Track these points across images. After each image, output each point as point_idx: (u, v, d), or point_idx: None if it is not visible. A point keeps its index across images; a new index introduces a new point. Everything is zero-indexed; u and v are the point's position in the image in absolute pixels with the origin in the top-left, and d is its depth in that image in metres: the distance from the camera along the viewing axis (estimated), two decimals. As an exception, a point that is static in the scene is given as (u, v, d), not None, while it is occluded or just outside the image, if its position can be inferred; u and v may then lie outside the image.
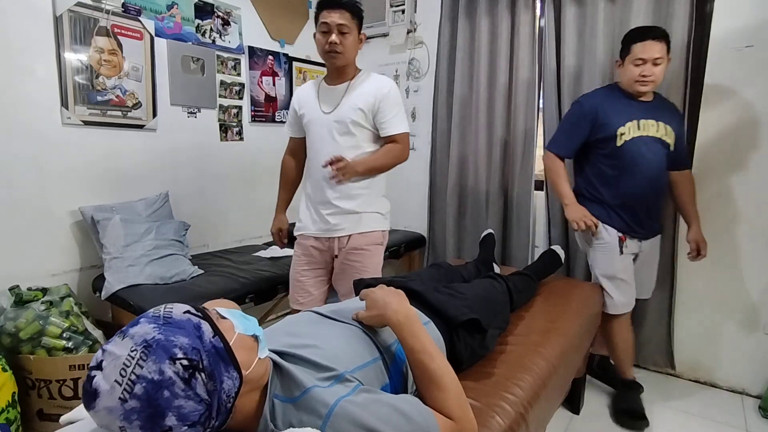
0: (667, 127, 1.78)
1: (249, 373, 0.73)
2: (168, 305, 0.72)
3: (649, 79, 1.72)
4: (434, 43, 2.86)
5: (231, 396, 0.70)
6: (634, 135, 1.77)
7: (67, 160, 2.00)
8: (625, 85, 1.81)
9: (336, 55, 1.59)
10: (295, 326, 1.00)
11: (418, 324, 0.93)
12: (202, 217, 2.56)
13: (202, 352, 0.67)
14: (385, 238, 1.76)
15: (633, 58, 1.73)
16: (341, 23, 1.56)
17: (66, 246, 2.04)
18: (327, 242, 1.71)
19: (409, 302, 0.99)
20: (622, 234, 1.84)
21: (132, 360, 0.62)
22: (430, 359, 0.88)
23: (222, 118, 2.62)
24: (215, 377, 0.67)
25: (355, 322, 1.00)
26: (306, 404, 0.75)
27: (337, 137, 1.63)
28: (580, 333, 1.59)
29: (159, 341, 0.64)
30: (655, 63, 1.71)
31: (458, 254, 2.85)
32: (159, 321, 0.67)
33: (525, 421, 1.08)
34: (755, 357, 2.04)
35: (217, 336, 0.70)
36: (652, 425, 1.87)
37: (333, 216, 1.66)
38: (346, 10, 1.56)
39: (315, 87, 1.73)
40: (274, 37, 2.85)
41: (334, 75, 1.68)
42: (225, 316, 0.77)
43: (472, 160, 2.76)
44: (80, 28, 1.97)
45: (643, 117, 1.78)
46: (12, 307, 1.72)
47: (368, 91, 1.62)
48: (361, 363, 0.90)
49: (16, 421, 1.59)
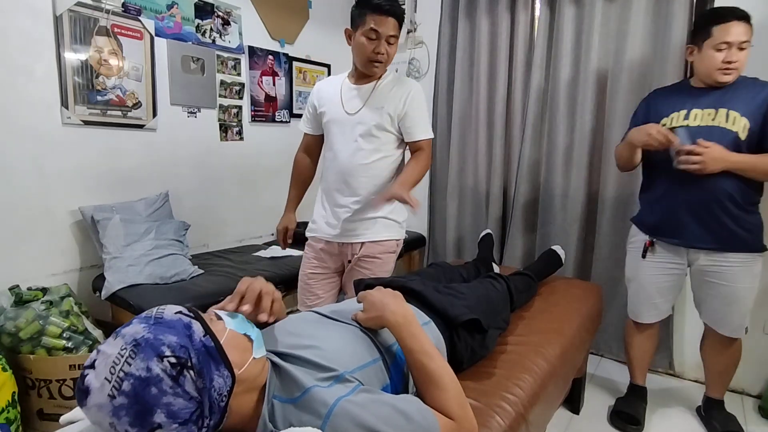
0: (734, 114, 1.53)
1: (242, 372, 0.74)
2: (161, 306, 0.74)
3: (733, 66, 1.50)
4: (434, 43, 2.86)
5: (223, 395, 0.70)
6: (676, 125, 1.60)
7: (67, 160, 2.00)
8: (703, 75, 1.59)
9: (379, 65, 1.54)
10: (296, 326, 1.00)
11: (416, 325, 0.94)
12: (202, 217, 2.56)
13: (191, 350, 0.68)
14: (399, 246, 1.70)
15: (714, 42, 1.50)
16: (393, 33, 1.50)
17: (66, 246, 2.04)
18: (339, 247, 1.65)
19: (410, 302, 0.99)
20: (648, 239, 1.73)
21: (121, 358, 0.64)
22: (429, 360, 0.88)
23: (222, 118, 2.62)
24: (204, 375, 0.68)
25: (355, 323, 1.00)
26: (306, 404, 0.75)
27: (359, 140, 1.57)
28: (580, 333, 1.58)
29: (148, 340, 0.66)
30: (740, 47, 1.49)
31: (458, 254, 2.86)
32: (150, 321, 0.70)
33: (525, 421, 1.09)
34: (755, 357, 2.03)
35: (207, 335, 0.72)
36: (653, 425, 1.88)
37: (349, 221, 1.61)
38: (398, 21, 1.50)
39: (338, 84, 1.66)
40: (274, 36, 2.85)
41: (360, 75, 1.61)
42: (221, 317, 0.79)
43: (472, 160, 2.76)
44: (80, 27, 1.97)
45: (698, 106, 1.59)
46: (12, 307, 1.72)
47: (395, 95, 1.57)
48: (361, 363, 0.90)
49: (16, 420, 1.59)
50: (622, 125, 2.23)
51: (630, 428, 1.83)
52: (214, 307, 0.90)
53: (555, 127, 2.44)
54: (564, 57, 2.36)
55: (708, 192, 1.55)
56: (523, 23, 2.50)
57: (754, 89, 1.56)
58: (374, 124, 1.56)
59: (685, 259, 1.71)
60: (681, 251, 1.70)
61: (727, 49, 1.50)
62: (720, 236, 1.58)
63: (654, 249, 1.74)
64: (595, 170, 2.38)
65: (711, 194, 1.55)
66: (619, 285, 2.32)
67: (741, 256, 1.59)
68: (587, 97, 2.32)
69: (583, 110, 2.34)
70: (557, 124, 2.42)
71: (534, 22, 2.50)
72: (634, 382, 1.97)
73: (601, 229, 2.35)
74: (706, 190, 1.55)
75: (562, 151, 2.43)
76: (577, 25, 2.34)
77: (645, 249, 1.74)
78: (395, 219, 1.65)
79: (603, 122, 2.33)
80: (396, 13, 1.49)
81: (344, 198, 1.62)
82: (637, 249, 1.79)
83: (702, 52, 1.57)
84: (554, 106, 2.43)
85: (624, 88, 2.21)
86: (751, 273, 1.62)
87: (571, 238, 2.41)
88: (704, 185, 1.55)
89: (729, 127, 1.54)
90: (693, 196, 1.58)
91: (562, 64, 2.37)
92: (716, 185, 1.53)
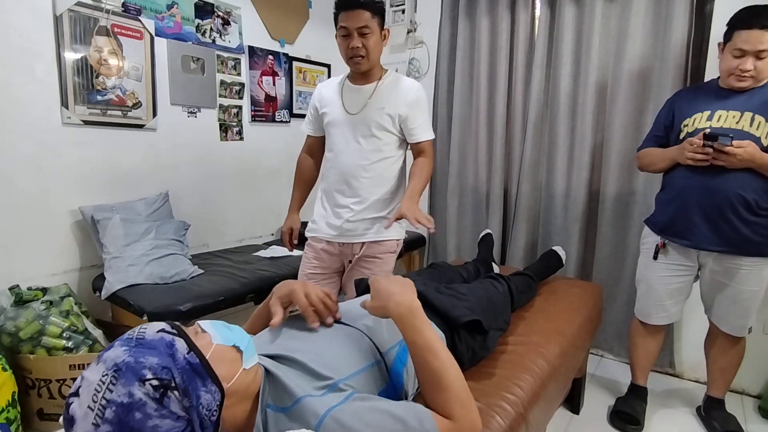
0: (760, 119, 1.50)
1: (231, 385, 0.73)
2: (143, 325, 0.72)
3: (747, 74, 1.48)
4: (434, 42, 2.86)
5: (213, 410, 0.70)
6: (699, 126, 1.57)
7: (67, 159, 2.00)
8: (721, 76, 1.58)
9: (360, 59, 1.52)
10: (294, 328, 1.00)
11: (421, 317, 0.89)
12: (202, 216, 2.56)
13: (173, 370, 0.67)
14: (400, 246, 1.71)
15: (733, 46, 1.48)
16: (361, 25, 1.46)
17: (66, 246, 2.04)
18: (340, 247, 1.65)
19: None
20: (660, 240, 1.72)
21: (103, 385, 0.63)
22: (433, 356, 0.85)
23: (222, 118, 2.62)
24: (190, 393, 0.67)
25: (356, 324, 1.00)
26: (297, 414, 0.75)
27: (361, 140, 1.57)
28: (580, 333, 1.58)
29: (128, 364, 0.65)
30: (759, 57, 1.45)
31: (458, 254, 2.86)
32: (131, 343, 0.68)
33: (525, 421, 1.09)
34: (755, 357, 2.03)
35: (192, 351, 0.70)
36: (653, 425, 1.88)
37: (349, 221, 1.61)
38: (365, 9, 1.46)
39: (339, 85, 1.65)
40: (274, 36, 2.85)
41: (357, 75, 1.62)
42: (205, 330, 0.77)
43: (472, 160, 2.76)
44: (80, 27, 1.97)
45: (723, 108, 1.55)
46: (12, 307, 1.72)
47: (397, 95, 1.56)
48: (359, 368, 0.89)
49: (16, 420, 1.59)
50: (623, 125, 2.24)
51: (630, 428, 1.83)
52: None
53: (556, 127, 2.44)
54: (564, 57, 2.36)
55: (721, 195, 1.53)
56: (523, 23, 2.50)
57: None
58: (375, 125, 1.56)
59: (695, 261, 1.70)
60: (691, 253, 1.69)
61: (741, 56, 1.47)
62: (731, 240, 1.56)
63: (666, 251, 1.73)
64: (596, 170, 2.38)
65: (724, 197, 1.53)
66: (619, 285, 2.33)
67: (751, 260, 1.58)
68: (588, 96, 2.32)
69: (584, 110, 2.34)
70: (558, 124, 2.42)
71: (534, 22, 2.50)
72: (636, 383, 1.97)
73: (601, 229, 2.35)
74: (719, 192, 1.53)
75: (563, 151, 2.43)
76: (578, 25, 2.34)
77: (657, 250, 1.74)
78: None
79: (604, 122, 2.33)
80: (361, 2, 1.45)
81: (345, 198, 1.62)
82: (648, 250, 1.79)
83: (723, 53, 1.55)
84: (555, 106, 2.43)
85: (624, 87, 2.21)
86: (760, 277, 1.61)
87: (572, 238, 2.41)
88: (718, 188, 1.53)
89: (753, 132, 1.51)
90: (706, 198, 1.56)
91: (563, 64, 2.37)
92: (730, 188, 1.51)
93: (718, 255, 1.62)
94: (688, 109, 1.64)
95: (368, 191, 1.60)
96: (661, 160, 1.71)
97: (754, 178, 1.51)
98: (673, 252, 1.73)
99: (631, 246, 2.26)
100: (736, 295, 1.64)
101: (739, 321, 1.69)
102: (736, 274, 1.62)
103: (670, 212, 1.68)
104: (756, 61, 1.46)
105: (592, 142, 2.35)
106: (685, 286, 1.77)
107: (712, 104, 1.59)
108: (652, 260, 1.77)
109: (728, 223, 1.55)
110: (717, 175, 1.53)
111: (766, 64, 1.47)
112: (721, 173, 1.52)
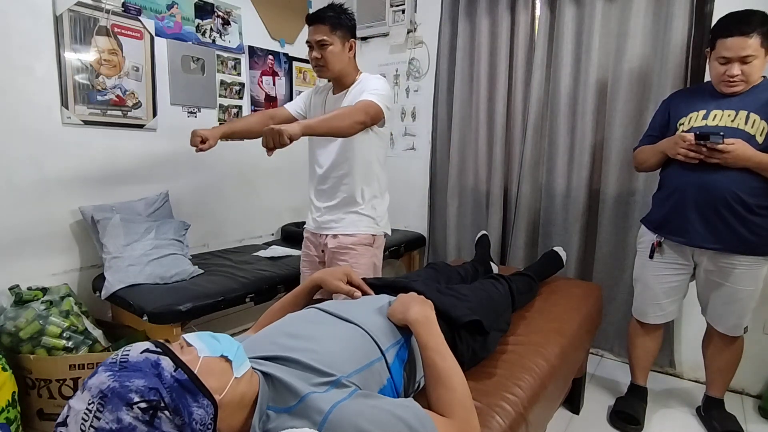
0: (755, 117, 1.51)
1: (224, 396, 0.72)
2: (126, 347, 0.71)
3: (736, 80, 1.50)
4: (434, 42, 2.86)
5: (207, 423, 0.69)
6: (695, 125, 1.59)
7: (67, 159, 2.00)
8: (713, 82, 1.60)
9: (320, 69, 1.65)
10: (295, 326, 1.00)
11: (434, 325, 0.99)
12: (202, 216, 2.56)
13: (161, 390, 0.65)
14: (378, 240, 1.76)
15: (716, 54, 1.51)
16: (319, 39, 1.60)
17: (66, 246, 2.04)
18: (318, 238, 1.80)
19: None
20: (656, 239, 1.73)
21: (89, 414, 0.62)
22: (441, 359, 0.92)
23: (222, 118, 2.61)
24: (182, 411, 0.66)
25: (358, 321, 1.01)
26: (302, 412, 0.75)
27: (332, 141, 1.65)
28: (580, 333, 1.59)
29: (114, 389, 0.63)
30: (744, 61, 1.47)
31: (458, 254, 2.86)
32: (115, 367, 0.66)
33: (525, 421, 1.09)
34: (755, 357, 2.03)
35: (179, 368, 0.69)
36: (653, 425, 1.88)
37: (321, 215, 1.76)
38: (323, 24, 1.60)
39: (325, 94, 1.78)
40: (274, 36, 2.85)
41: (335, 84, 1.73)
42: (191, 343, 0.75)
43: (472, 160, 2.76)
44: (80, 27, 1.97)
45: (718, 107, 1.57)
46: (12, 307, 1.72)
47: (358, 90, 1.64)
48: (360, 366, 0.89)
49: (16, 420, 1.59)
50: (623, 125, 2.24)
51: (630, 428, 1.83)
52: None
53: (556, 127, 2.44)
54: (564, 57, 2.36)
55: (717, 192, 1.54)
56: (523, 23, 2.50)
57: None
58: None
59: (691, 260, 1.71)
60: (687, 251, 1.70)
61: (726, 63, 1.49)
62: (725, 238, 1.56)
63: (661, 249, 1.74)
64: (596, 170, 2.38)
65: (720, 195, 1.53)
66: (619, 285, 2.33)
67: (746, 259, 1.58)
68: (588, 96, 2.32)
69: (584, 110, 2.34)
70: (558, 124, 2.42)
71: (534, 22, 2.50)
72: (635, 382, 1.97)
73: (601, 229, 2.35)
74: (715, 190, 1.54)
75: (563, 151, 2.43)
76: (578, 25, 2.34)
77: (653, 249, 1.75)
78: (368, 214, 1.71)
79: (604, 122, 2.33)
80: (319, 17, 1.60)
81: (316, 195, 1.78)
82: (644, 249, 1.80)
83: (710, 60, 1.57)
84: (555, 106, 2.43)
85: (624, 88, 2.21)
86: (755, 276, 1.61)
87: (572, 238, 2.41)
88: (714, 185, 1.53)
89: (747, 130, 1.52)
90: (701, 196, 1.57)
91: (563, 64, 2.37)
92: (726, 186, 1.52)
93: (713, 253, 1.62)
94: (684, 109, 1.66)
95: (333, 188, 1.71)
96: (653, 154, 1.72)
97: (750, 176, 1.51)
98: (669, 250, 1.74)
99: (631, 246, 2.25)
100: (732, 294, 1.64)
101: (735, 321, 1.69)
102: (731, 274, 1.62)
103: (665, 209, 1.69)
104: (742, 65, 1.48)
105: (592, 142, 2.35)
106: (681, 285, 1.77)
107: (707, 103, 1.60)
108: (649, 259, 1.77)
109: (723, 221, 1.55)
110: (713, 173, 1.53)
111: (753, 67, 1.48)
112: (717, 171, 1.52)
